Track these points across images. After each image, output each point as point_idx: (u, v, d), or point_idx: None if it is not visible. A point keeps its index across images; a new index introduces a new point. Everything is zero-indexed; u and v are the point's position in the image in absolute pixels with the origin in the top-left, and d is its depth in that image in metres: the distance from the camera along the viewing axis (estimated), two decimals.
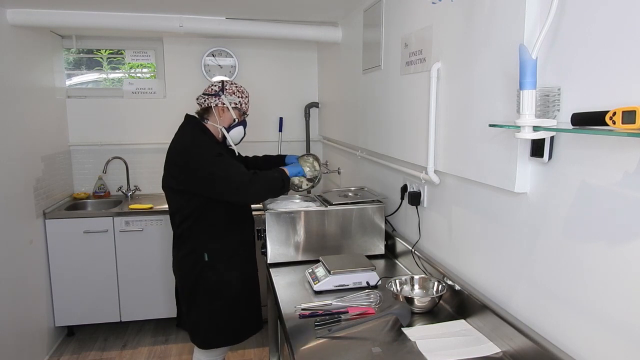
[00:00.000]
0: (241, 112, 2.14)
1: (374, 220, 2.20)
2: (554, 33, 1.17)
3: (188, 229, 2.06)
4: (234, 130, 2.14)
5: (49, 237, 3.11)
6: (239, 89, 2.13)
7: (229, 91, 2.09)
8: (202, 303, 2.07)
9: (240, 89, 2.14)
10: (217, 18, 3.01)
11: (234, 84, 2.13)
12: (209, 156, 1.96)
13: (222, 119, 2.10)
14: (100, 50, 3.78)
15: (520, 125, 1.15)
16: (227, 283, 2.08)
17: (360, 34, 2.71)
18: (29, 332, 2.86)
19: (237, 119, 2.13)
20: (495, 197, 1.47)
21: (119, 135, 3.72)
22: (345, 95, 3.12)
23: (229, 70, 3.84)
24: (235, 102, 2.10)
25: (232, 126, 2.13)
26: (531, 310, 1.31)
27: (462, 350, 1.36)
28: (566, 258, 1.17)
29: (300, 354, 1.37)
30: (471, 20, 1.51)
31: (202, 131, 2.08)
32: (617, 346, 1.03)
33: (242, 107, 2.13)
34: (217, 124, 2.10)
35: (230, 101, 2.09)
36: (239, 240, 2.15)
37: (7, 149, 2.65)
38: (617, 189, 1.02)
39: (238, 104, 2.11)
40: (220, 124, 2.10)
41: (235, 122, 2.13)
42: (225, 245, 2.09)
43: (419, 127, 1.93)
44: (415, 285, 1.75)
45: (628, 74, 0.97)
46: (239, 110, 2.12)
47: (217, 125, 2.10)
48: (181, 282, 2.13)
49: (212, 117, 2.10)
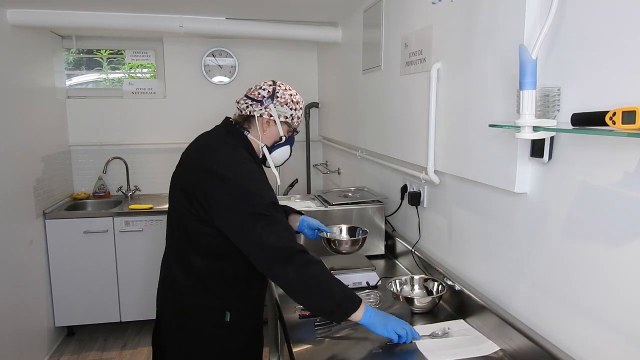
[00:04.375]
0: (291, 127, 1.65)
1: (374, 220, 2.20)
2: (554, 33, 1.17)
3: (208, 272, 1.54)
4: (278, 150, 1.65)
5: (49, 237, 3.10)
6: (293, 97, 1.63)
7: (281, 100, 1.60)
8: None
9: (295, 98, 1.64)
10: (217, 18, 3.01)
11: (289, 90, 1.64)
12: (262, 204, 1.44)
13: (266, 134, 1.61)
14: (100, 50, 3.78)
15: (520, 126, 1.15)
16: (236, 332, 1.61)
17: (360, 34, 2.71)
18: (29, 332, 2.86)
19: (285, 136, 1.65)
20: (495, 197, 1.47)
21: (119, 135, 3.72)
22: (345, 95, 3.12)
23: (229, 70, 3.84)
24: (285, 115, 1.61)
25: (277, 145, 1.65)
26: (531, 310, 1.31)
27: (461, 350, 1.36)
28: (566, 258, 1.17)
29: (300, 354, 1.37)
30: (471, 21, 1.51)
31: (248, 151, 1.59)
32: (617, 346, 1.03)
33: (292, 123, 1.64)
34: (259, 140, 1.61)
35: (280, 113, 1.60)
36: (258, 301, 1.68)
37: (7, 149, 2.65)
38: (617, 189, 1.02)
39: (289, 117, 1.62)
40: (263, 141, 1.62)
41: (283, 140, 1.65)
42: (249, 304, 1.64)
43: (419, 127, 1.93)
44: (415, 285, 1.75)
45: (628, 74, 0.97)
46: (288, 125, 1.63)
47: (258, 141, 1.61)
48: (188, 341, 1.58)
49: (253, 130, 1.61)
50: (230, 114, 1.71)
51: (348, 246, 1.89)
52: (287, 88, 1.66)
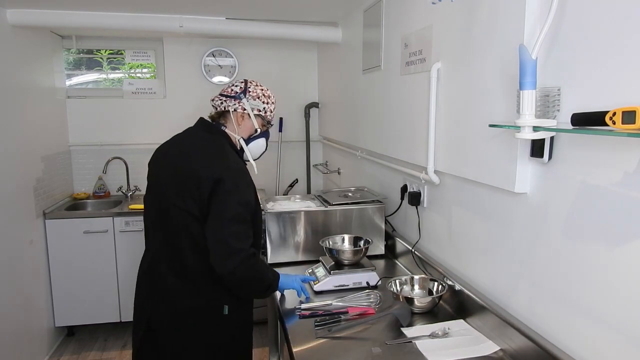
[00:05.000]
0: (265, 120, 1.77)
1: (374, 220, 2.20)
2: (554, 33, 1.17)
3: (202, 271, 1.59)
4: (255, 142, 1.76)
5: (49, 237, 3.10)
6: (264, 92, 1.76)
7: (253, 94, 1.72)
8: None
9: (267, 93, 1.76)
10: (217, 18, 3.01)
11: (260, 86, 1.77)
12: (249, 199, 1.59)
13: (241, 127, 1.72)
14: (100, 50, 3.78)
15: (520, 126, 1.15)
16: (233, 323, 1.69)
17: (360, 34, 2.71)
18: (29, 332, 2.86)
19: (260, 129, 1.76)
20: (495, 197, 1.47)
21: (119, 135, 3.72)
22: (345, 95, 3.12)
23: (229, 70, 3.84)
24: (258, 108, 1.73)
25: (253, 137, 1.75)
26: (531, 310, 1.31)
27: (461, 350, 1.36)
28: (566, 258, 1.17)
29: (300, 354, 1.37)
30: (471, 21, 1.51)
31: (233, 148, 1.71)
32: (617, 346, 1.03)
33: (266, 115, 1.76)
34: (235, 134, 1.72)
35: (253, 106, 1.72)
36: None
37: (7, 149, 2.65)
38: (617, 189, 1.02)
39: (262, 110, 1.73)
40: (239, 134, 1.73)
41: (257, 132, 1.76)
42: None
43: (419, 127, 1.93)
44: (415, 285, 1.75)
45: (628, 74, 0.97)
46: (262, 118, 1.75)
47: (234, 134, 1.72)
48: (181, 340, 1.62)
49: (229, 124, 1.72)
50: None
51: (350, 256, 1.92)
52: (258, 84, 1.77)
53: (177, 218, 1.58)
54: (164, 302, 1.63)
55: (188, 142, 1.71)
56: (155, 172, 1.72)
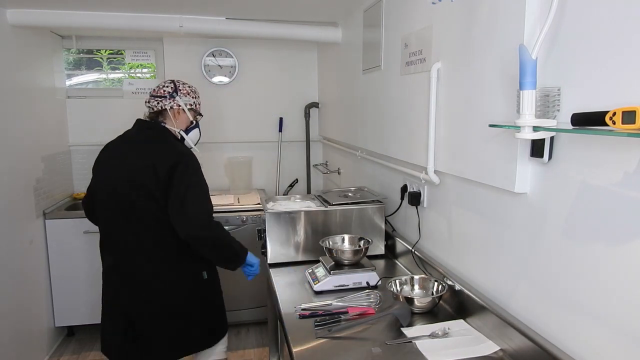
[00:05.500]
0: (196, 113, 2.09)
1: (373, 220, 2.20)
2: (554, 33, 1.17)
3: (175, 246, 1.88)
4: (193, 132, 2.08)
5: (49, 237, 3.10)
6: (192, 89, 2.07)
7: (183, 92, 2.02)
8: (200, 317, 2.00)
9: (194, 89, 2.09)
10: (217, 18, 3.01)
11: (187, 84, 2.06)
12: (203, 178, 1.90)
13: (179, 121, 2.01)
14: (100, 50, 3.78)
15: (520, 126, 1.15)
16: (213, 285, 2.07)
17: (360, 34, 2.71)
18: (29, 332, 2.86)
19: (194, 121, 2.08)
20: (495, 197, 1.47)
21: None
22: (345, 95, 3.12)
23: (229, 70, 3.84)
24: (190, 103, 2.03)
25: (190, 128, 2.06)
26: (531, 310, 1.31)
27: (461, 350, 1.36)
28: (566, 258, 1.17)
29: (300, 354, 1.37)
30: (471, 21, 1.51)
31: (175, 139, 2.00)
32: (617, 346, 1.03)
33: (197, 108, 2.08)
34: (175, 127, 2.01)
35: (186, 102, 2.01)
36: None
37: (7, 149, 2.65)
38: (617, 189, 1.02)
39: (193, 104, 2.05)
40: (178, 127, 2.01)
41: (193, 124, 2.07)
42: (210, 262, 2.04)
43: (419, 127, 1.93)
44: (415, 285, 1.75)
45: (628, 74, 0.97)
46: (194, 111, 2.07)
47: (174, 128, 2.01)
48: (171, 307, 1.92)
49: (167, 121, 2.00)
50: (230, 113, 1.85)
51: (350, 256, 1.92)
52: (184, 82, 2.07)
53: (141, 210, 1.83)
54: (145, 292, 1.88)
55: (136, 140, 1.96)
56: (106, 174, 1.95)
